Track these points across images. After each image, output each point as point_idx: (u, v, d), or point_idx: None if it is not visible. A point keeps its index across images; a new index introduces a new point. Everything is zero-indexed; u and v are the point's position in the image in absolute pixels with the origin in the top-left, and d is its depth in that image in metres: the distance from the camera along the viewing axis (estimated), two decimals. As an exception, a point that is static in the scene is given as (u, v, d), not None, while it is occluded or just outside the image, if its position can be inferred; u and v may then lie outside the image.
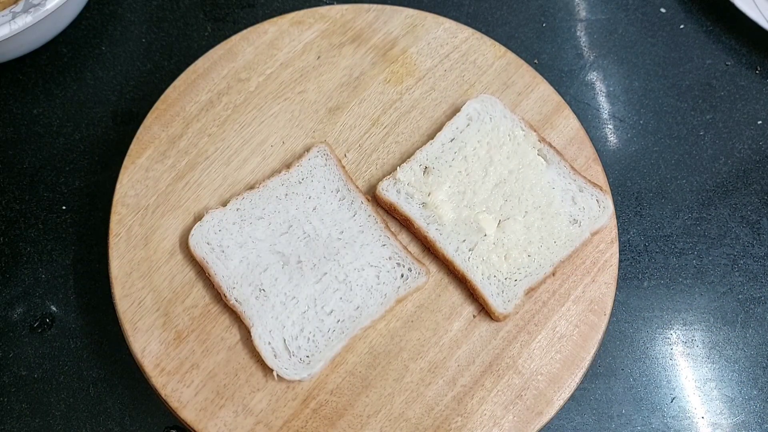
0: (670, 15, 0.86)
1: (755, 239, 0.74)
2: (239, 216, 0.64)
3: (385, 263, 0.62)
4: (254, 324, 0.59)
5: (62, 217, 0.73)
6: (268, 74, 0.72)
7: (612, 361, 0.68)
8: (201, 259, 0.62)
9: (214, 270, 0.61)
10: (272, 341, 0.59)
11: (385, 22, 0.75)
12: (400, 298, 0.61)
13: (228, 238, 0.62)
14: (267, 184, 0.65)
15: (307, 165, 0.66)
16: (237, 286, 0.60)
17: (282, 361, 0.58)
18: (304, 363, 0.58)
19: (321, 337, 0.59)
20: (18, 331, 0.68)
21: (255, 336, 0.59)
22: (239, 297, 0.60)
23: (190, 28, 0.84)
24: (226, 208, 0.64)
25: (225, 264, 0.61)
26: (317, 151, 0.67)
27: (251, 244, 0.62)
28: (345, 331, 0.59)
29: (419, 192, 0.65)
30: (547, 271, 0.62)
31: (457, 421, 0.58)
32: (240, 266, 0.61)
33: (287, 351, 0.58)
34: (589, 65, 0.83)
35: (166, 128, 0.69)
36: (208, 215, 0.63)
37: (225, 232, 0.63)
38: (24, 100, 0.79)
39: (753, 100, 0.81)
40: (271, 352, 0.58)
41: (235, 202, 0.64)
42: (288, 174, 0.66)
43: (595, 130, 0.79)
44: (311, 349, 0.59)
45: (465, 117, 0.68)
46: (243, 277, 0.61)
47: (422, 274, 0.61)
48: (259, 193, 0.65)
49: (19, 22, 0.67)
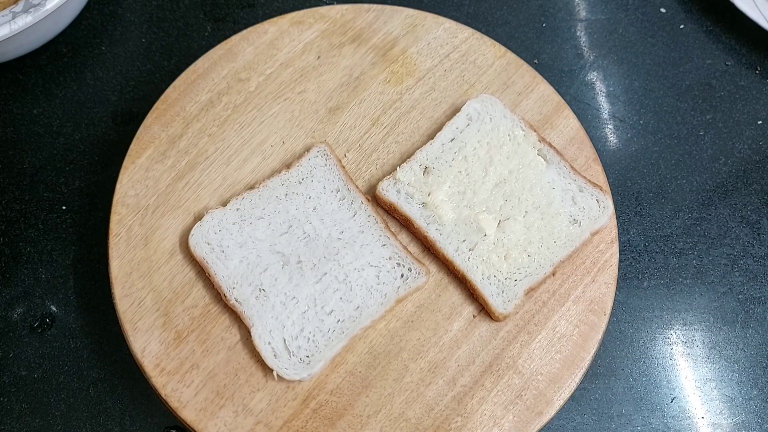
0: (670, 15, 0.86)
1: (755, 239, 0.74)
2: (239, 216, 0.64)
3: (385, 263, 0.62)
4: (254, 324, 0.59)
5: (62, 217, 0.73)
6: (268, 74, 0.72)
7: (612, 361, 0.68)
8: (201, 259, 0.62)
9: (214, 270, 0.61)
10: (272, 341, 0.59)
11: (385, 22, 0.75)
12: (400, 298, 0.61)
13: (228, 238, 0.62)
14: (267, 184, 0.65)
15: (307, 165, 0.66)
16: (237, 286, 0.60)
17: (282, 361, 0.58)
18: (304, 363, 0.58)
19: (321, 337, 0.59)
20: (18, 331, 0.68)
21: (255, 336, 0.59)
22: (239, 297, 0.60)
23: (190, 28, 0.84)
24: (226, 208, 0.64)
25: (225, 264, 0.61)
26: (317, 151, 0.67)
27: (251, 244, 0.62)
28: (345, 331, 0.59)
29: (419, 192, 0.65)
30: (547, 271, 0.62)
31: (457, 421, 0.58)
32: (240, 266, 0.61)
33: (287, 351, 0.58)
34: (589, 65, 0.83)
35: (166, 128, 0.69)
36: (208, 215, 0.63)
37: (225, 232, 0.63)
38: (24, 100, 0.79)
39: (753, 100, 0.81)
40: (271, 352, 0.58)
41: (235, 202, 0.64)
42: (288, 174, 0.66)
43: (595, 130, 0.79)
44: (311, 349, 0.59)
45: (465, 117, 0.68)
46: (243, 277, 0.61)
47: (422, 274, 0.61)
48: (259, 193, 0.65)
49: (19, 22, 0.67)
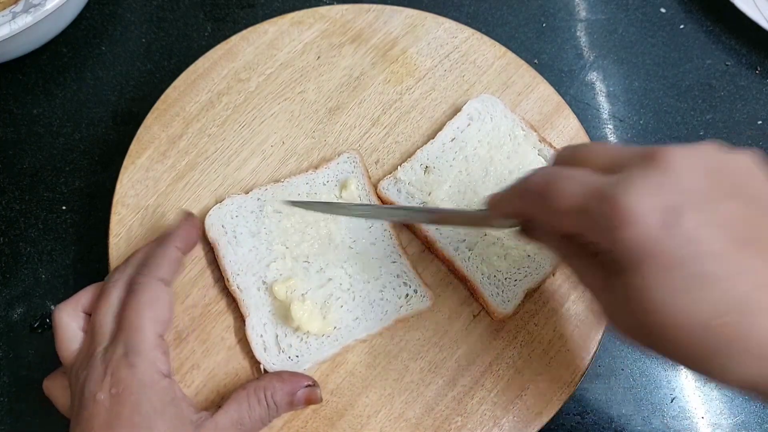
0: (670, 15, 0.86)
1: (755, 239, 0.74)
2: (258, 206, 0.63)
3: (392, 280, 0.61)
4: (251, 314, 0.59)
5: (62, 217, 0.73)
6: (268, 74, 0.72)
7: (612, 361, 0.68)
8: (213, 240, 0.62)
9: (222, 253, 0.61)
10: (264, 334, 0.59)
11: (385, 22, 0.75)
12: (400, 318, 0.60)
13: (243, 225, 0.62)
14: (292, 180, 0.65)
15: (335, 169, 0.66)
16: (242, 273, 0.60)
17: (271, 356, 0.58)
18: (292, 361, 0.58)
19: (314, 341, 0.59)
20: (18, 331, 0.68)
21: (248, 326, 0.58)
22: (241, 284, 0.60)
23: (190, 28, 0.84)
24: (248, 195, 0.64)
25: (235, 250, 0.61)
26: (347, 157, 0.66)
27: (264, 235, 0.62)
28: (339, 339, 0.59)
29: (420, 191, 0.65)
30: (547, 271, 0.62)
31: (457, 421, 0.58)
32: (248, 255, 0.61)
33: (278, 347, 0.58)
34: (589, 65, 0.83)
35: (166, 128, 0.69)
36: (229, 199, 0.63)
37: (241, 218, 0.63)
38: (24, 100, 0.79)
39: (753, 100, 0.81)
40: (261, 345, 0.58)
41: (258, 191, 0.64)
42: (314, 174, 0.66)
43: (595, 130, 0.79)
44: (302, 349, 0.58)
45: (466, 116, 0.68)
46: (249, 266, 0.61)
47: (427, 298, 0.61)
48: (282, 187, 0.65)
49: (19, 22, 0.67)
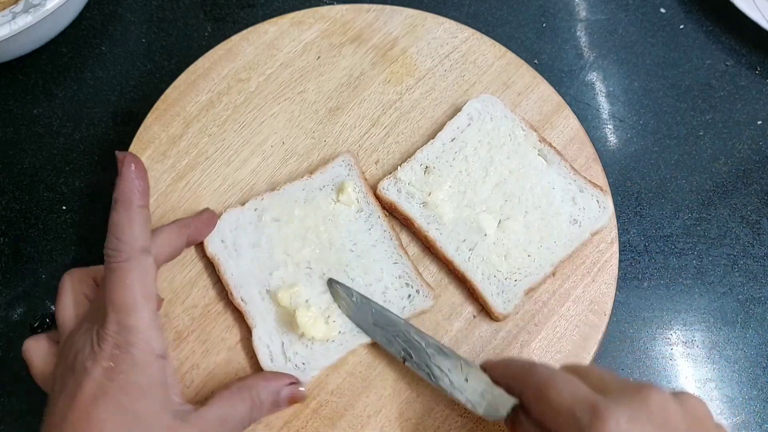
0: (670, 15, 0.86)
1: (755, 239, 0.74)
2: (256, 216, 0.63)
3: (394, 281, 0.61)
4: (257, 325, 0.59)
5: (62, 217, 0.73)
6: (268, 74, 0.72)
7: (612, 361, 0.68)
8: (212, 256, 0.61)
9: (224, 267, 0.61)
10: (271, 344, 0.58)
11: (385, 22, 0.75)
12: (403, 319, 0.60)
13: (242, 237, 0.62)
14: (287, 187, 0.65)
15: (331, 173, 0.65)
16: (245, 285, 0.60)
17: (277, 365, 0.58)
18: (299, 369, 0.58)
19: (319, 347, 0.58)
20: (18, 331, 0.68)
21: (255, 337, 0.58)
22: (245, 296, 0.60)
23: (190, 28, 0.84)
24: (244, 207, 0.64)
25: (236, 262, 0.61)
26: (342, 160, 0.66)
27: (264, 244, 0.62)
28: (344, 344, 0.59)
29: (420, 191, 0.65)
30: (547, 271, 0.62)
31: (457, 421, 0.58)
32: (250, 266, 0.61)
33: (284, 356, 0.58)
34: (589, 65, 0.83)
35: (166, 128, 0.69)
36: (226, 214, 0.63)
37: (240, 231, 0.62)
38: (24, 100, 0.79)
39: (753, 100, 0.81)
40: (268, 356, 0.58)
41: (254, 202, 0.64)
42: (310, 180, 0.65)
43: (595, 130, 0.79)
44: (308, 356, 0.58)
45: (466, 116, 0.68)
46: (252, 277, 0.61)
47: (430, 297, 0.61)
48: (278, 195, 0.64)
49: (19, 22, 0.67)
